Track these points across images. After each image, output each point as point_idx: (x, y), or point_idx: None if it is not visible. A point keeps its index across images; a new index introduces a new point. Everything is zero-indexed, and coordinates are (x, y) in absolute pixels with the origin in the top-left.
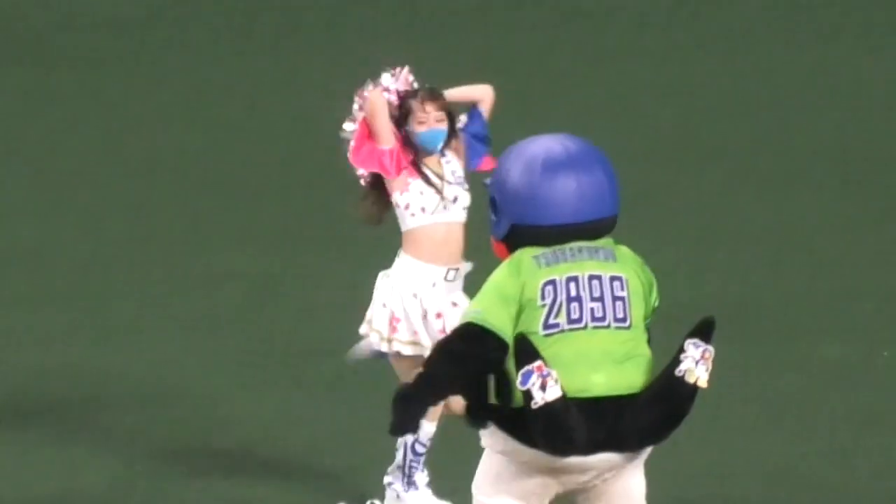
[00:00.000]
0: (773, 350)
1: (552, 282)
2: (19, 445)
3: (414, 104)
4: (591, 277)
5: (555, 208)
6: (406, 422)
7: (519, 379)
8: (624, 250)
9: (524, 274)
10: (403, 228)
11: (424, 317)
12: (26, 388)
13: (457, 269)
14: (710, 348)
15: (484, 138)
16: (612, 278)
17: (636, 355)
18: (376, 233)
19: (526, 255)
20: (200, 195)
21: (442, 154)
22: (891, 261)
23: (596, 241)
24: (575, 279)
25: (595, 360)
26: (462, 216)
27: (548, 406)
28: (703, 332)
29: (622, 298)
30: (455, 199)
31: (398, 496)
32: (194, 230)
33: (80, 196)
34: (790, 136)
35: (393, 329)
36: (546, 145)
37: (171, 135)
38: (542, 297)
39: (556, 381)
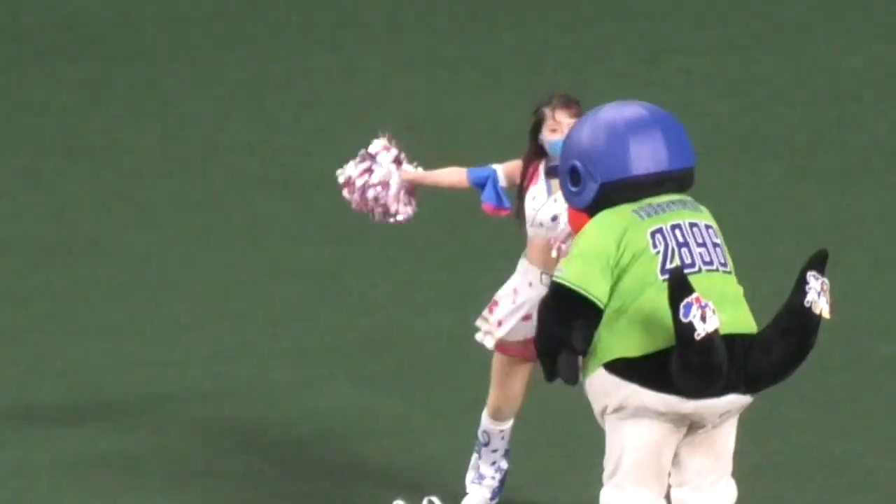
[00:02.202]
0: (830, 346)
1: (659, 230)
2: (76, 439)
3: (546, 112)
4: (690, 225)
5: (648, 157)
6: (568, 376)
7: (681, 311)
8: (703, 206)
9: (629, 227)
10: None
11: (516, 313)
12: (83, 381)
13: (551, 275)
14: (826, 280)
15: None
16: (707, 226)
17: (743, 298)
18: (432, 229)
19: (623, 210)
20: (259, 189)
21: None
22: None
23: (679, 195)
24: (679, 226)
25: (716, 301)
26: (567, 231)
27: (708, 337)
28: (820, 264)
29: (719, 245)
30: (555, 219)
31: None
32: (252, 224)
33: (139, 190)
34: (849, 132)
35: (490, 312)
36: (617, 108)
37: (229, 129)
38: (654, 246)
39: (714, 311)
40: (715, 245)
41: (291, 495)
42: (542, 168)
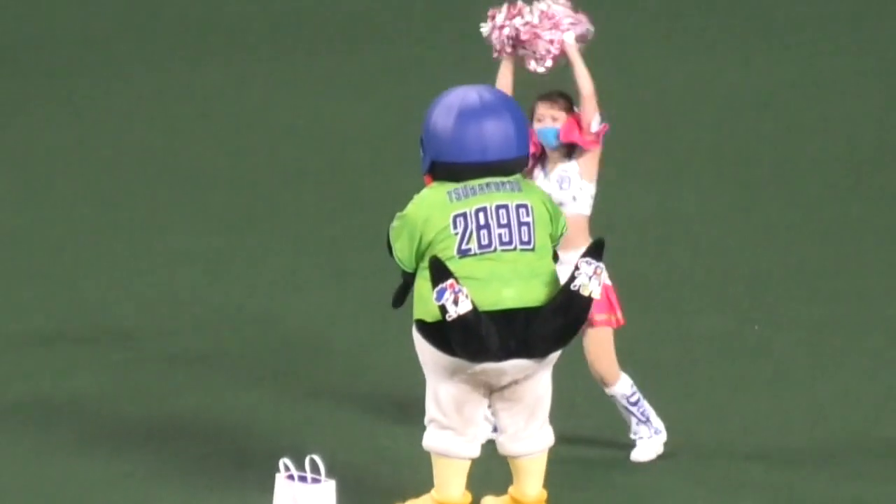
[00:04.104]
0: (657, 322)
1: (463, 214)
2: None
3: (535, 103)
4: (498, 207)
5: (465, 148)
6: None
7: (434, 295)
8: (531, 182)
9: (438, 208)
10: None
11: None
12: (3, 355)
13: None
14: (601, 265)
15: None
16: (518, 206)
17: (541, 273)
18: (315, 220)
19: (440, 190)
20: (160, 187)
21: (569, 157)
22: (760, 245)
23: (503, 177)
24: (483, 209)
25: (505, 278)
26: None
27: (461, 318)
28: (595, 251)
29: (527, 224)
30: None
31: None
32: (155, 217)
33: (56, 187)
34: (673, 136)
35: None
36: (464, 93)
37: (133, 134)
38: (454, 227)
39: (467, 296)
40: (521, 224)
41: (187, 456)
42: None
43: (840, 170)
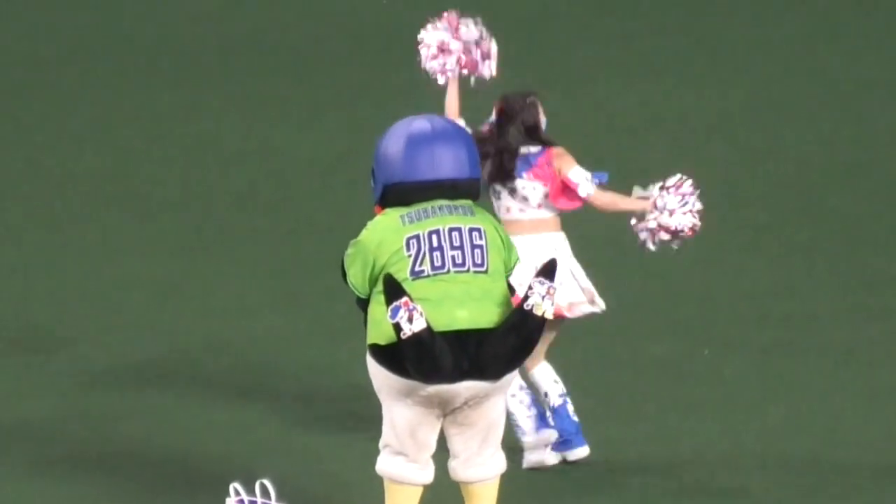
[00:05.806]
0: (608, 346)
1: (416, 236)
2: None
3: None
4: (451, 229)
5: (416, 167)
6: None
7: (388, 313)
8: (482, 209)
9: (390, 231)
10: None
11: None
12: None
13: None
14: (554, 285)
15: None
16: (471, 229)
17: (495, 295)
18: (265, 244)
19: (393, 214)
20: (110, 211)
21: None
22: (710, 268)
23: (456, 200)
24: (436, 232)
25: (458, 299)
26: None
27: (415, 336)
28: (548, 272)
29: (480, 247)
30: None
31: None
32: (105, 241)
33: (5, 210)
34: (622, 160)
35: None
36: (413, 120)
37: (83, 157)
38: (408, 249)
39: (422, 314)
40: (474, 247)
41: (139, 479)
42: None
43: (790, 193)
